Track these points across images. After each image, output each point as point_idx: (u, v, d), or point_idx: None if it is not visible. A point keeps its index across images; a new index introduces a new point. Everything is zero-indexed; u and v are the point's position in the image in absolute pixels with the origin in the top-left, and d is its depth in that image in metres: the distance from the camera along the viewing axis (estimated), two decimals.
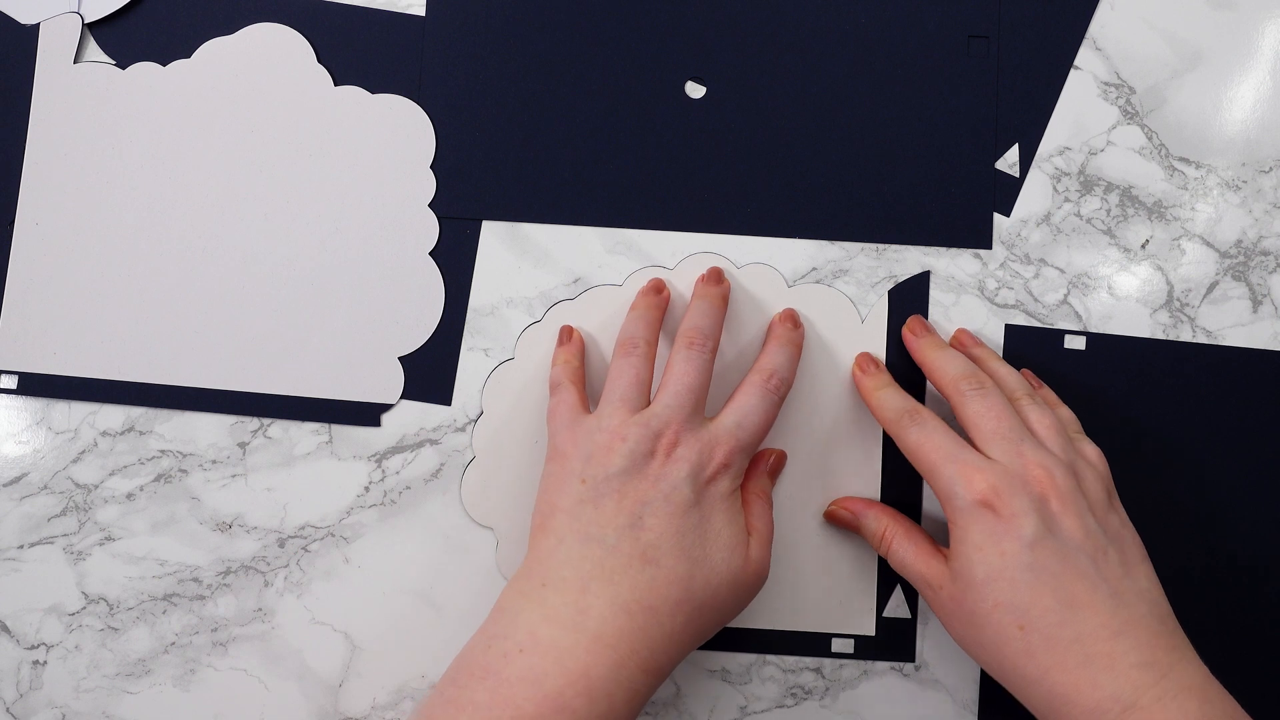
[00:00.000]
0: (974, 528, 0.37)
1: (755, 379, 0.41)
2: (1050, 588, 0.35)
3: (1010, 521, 0.36)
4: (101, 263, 0.46)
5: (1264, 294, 0.48)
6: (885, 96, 0.48)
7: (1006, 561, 0.36)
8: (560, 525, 0.38)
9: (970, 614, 0.37)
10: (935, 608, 0.39)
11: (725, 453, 0.39)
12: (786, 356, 0.42)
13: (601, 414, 0.39)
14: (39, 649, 0.45)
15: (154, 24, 0.47)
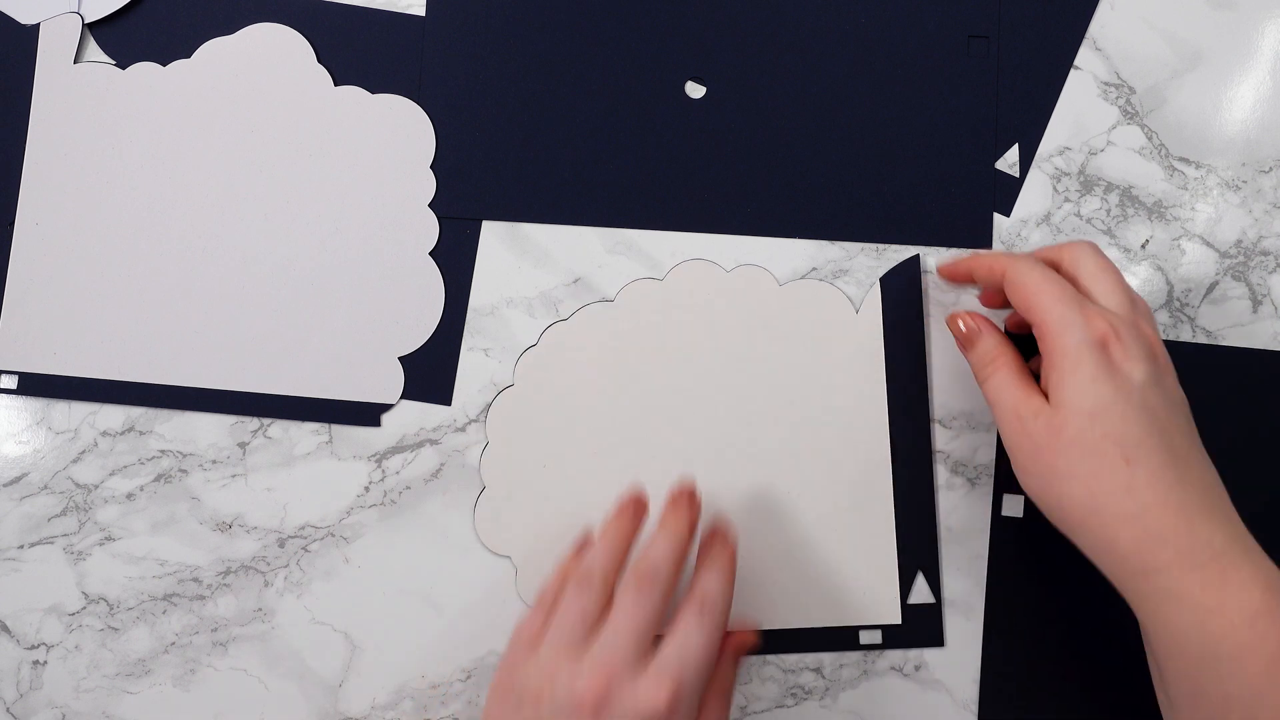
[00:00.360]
0: (1088, 360, 0.36)
1: (691, 606, 0.38)
2: (1158, 431, 0.35)
3: (1126, 363, 0.36)
4: (101, 263, 0.46)
5: (1264, 294, 0.48)
6: (885, 96, 0.48)
7: (1120, 396, 0.36)
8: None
9: (1071, 442, 0.35)
10: (1019, 440, 0.37)
11: (669, 699, 0.35)
12: (717, 577, 0.39)
13: (542, 653, 0.37)
14: (39, 649, 0.45)
15: (154, 24, 0.47)
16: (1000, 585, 0.46)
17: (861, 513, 0.45)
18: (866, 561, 0.45)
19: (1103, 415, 0.35)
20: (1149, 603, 0.35)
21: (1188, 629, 0.34)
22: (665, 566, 0.38)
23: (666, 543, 0.39)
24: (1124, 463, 0.35)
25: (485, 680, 0.45)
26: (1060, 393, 0.36)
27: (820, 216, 0.47)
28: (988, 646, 0.46)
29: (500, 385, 0.46)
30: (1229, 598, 0.34)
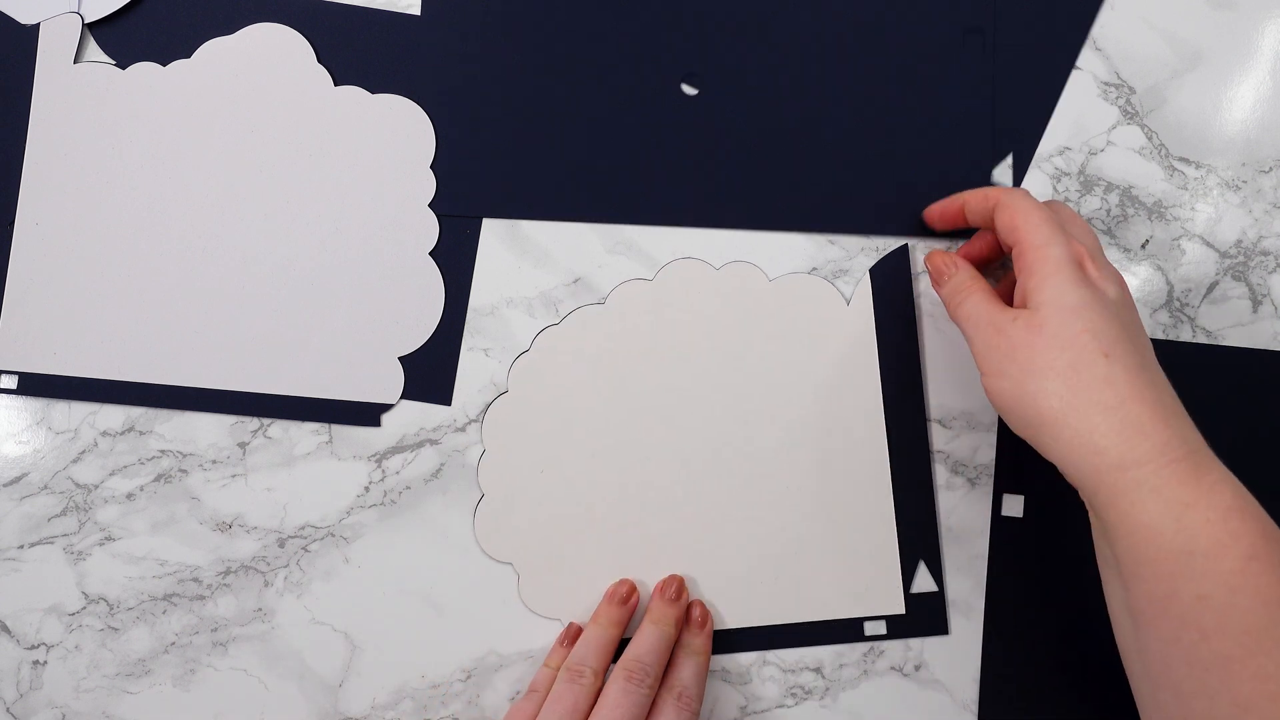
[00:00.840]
0: (1068, 267, 0.37)
1: (668, 699, 0.42)
2: (1130, 335, 0.37)
3: (1101, 281, 0.38)
4: (102, 263, 0.46)
5: (1264, 294, 0.48)
6: (879, 90, 0.48)
7: (1096, 299, 0.37)
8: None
9: (1052, 337, 0.36)
10: (995, 344, 0.38)
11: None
12: (693, 668, 0.43)
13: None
14: (39, 649, 0.45)
15: (154, 24, 0.47)
16: (1000, 585, 0.46)
17: (861, 505, 0.45)
18: (868, 553, 0.45)
19: (1083, 311, 0.36)
20: (1124, 499, 0.34)
21: (1164, 524, 0.34)
22: (653, 661, 0.41)
23: (655, 638, 0.42)
24: (1103, 356, 0.36)
25: (485, 680, 0.45)
26: (1040, 294, 0.37)
27: (816, 210, 0.47)
28: (988, 646, 0.46)
29: (500, 386, 0.46)
30: (1204, 493, 0.34)
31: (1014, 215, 0.39)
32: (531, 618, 0.45)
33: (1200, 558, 0.33)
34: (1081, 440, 0.35)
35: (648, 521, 0.45)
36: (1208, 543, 0.33)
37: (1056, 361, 0.36)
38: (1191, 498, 0.34)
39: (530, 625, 0.46)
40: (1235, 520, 0.33)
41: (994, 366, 0.37)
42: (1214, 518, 0.33)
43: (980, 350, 0.38)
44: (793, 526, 0.45)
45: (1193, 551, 0.33)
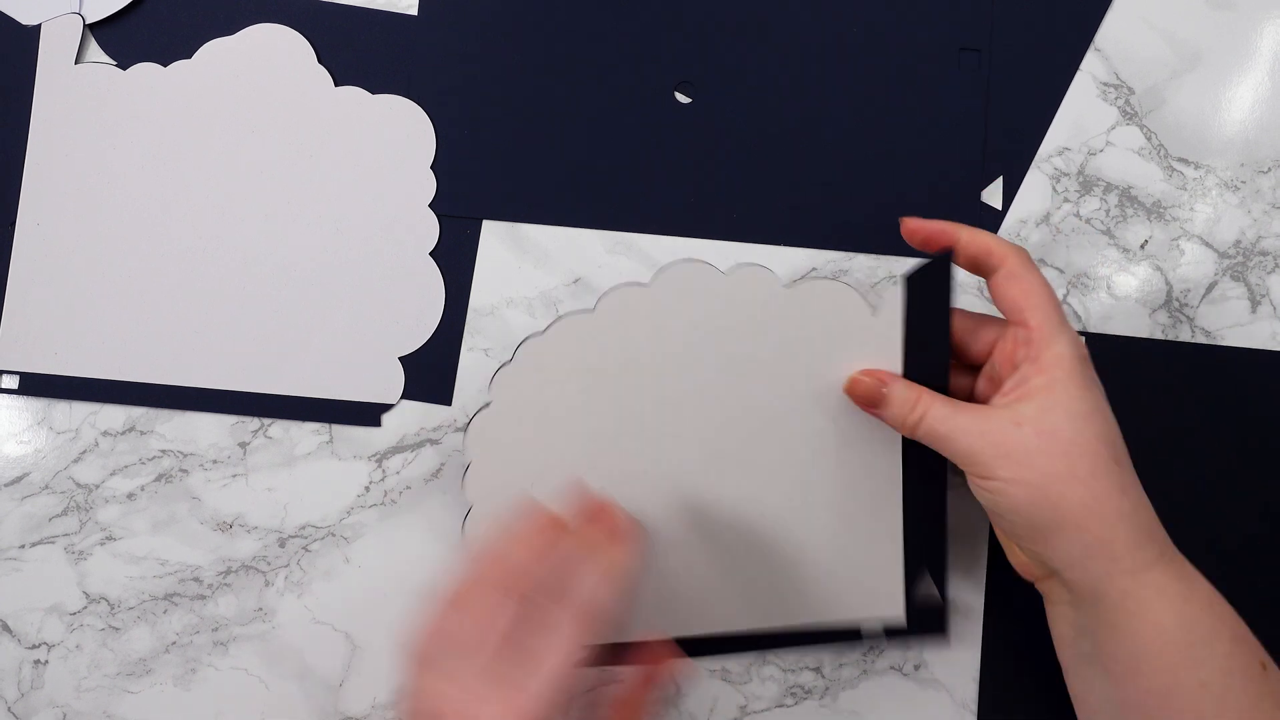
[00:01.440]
0: (1079, 372, 0.36)
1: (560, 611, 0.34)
2: (1122, 439, 0.37)
3: (1096, 380, 0.37)
4: (103, 263, 0.46)
5: (1262, 294, 0.48)
6: (874, 107, 0.48)
7: (1102, 400, 0.37)
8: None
9: (1070, 444, 0.36)
10: (1004, 450, 0.36)
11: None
12: (595, 580, 0.35)
13: (458, 666, 0.34)
14: (40, 648, 0.45)
15: (155, 25, 0.47)
16: (1000, 585, 0.46)
17: (869, 521, 0.43)
18: (872, 567, 0.43)
19: (1094, 418, 0.36)
20: (1133, 599, 0.35)
21: (1169, 619, 0.35)
22: (611, 607, 0.35)
23: (610, 581, 0.35)
24: (1115, 464, 0.36)
25: None
26: (1051, 396, 0.36)
27: (808, 226, 0.47)
28: (987, 646, 0.46)
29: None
30: (1191, 585, 0.36)
31: (1024, 295, 0.37)
32: None
33: (1199, 646, 0.35)
34: (1101, 547, 0.35)
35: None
36: (1204, 631, 0.35)
37: (1078, 469, 0.35)
38: (1187, 591, 0.36)
39: None
40: (1218, 605, 0.36)
41: (1009, 474, 0.36)
42: (1204, 606, 0.36)
43: (983, 460, 0.36)
44: (795, 543, 0.43)
45: (1193, 642, 0.35)
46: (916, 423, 0.38)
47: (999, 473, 0.36)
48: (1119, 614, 0.36)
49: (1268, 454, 0.47)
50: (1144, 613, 0.35)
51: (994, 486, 0.36)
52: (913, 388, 0.38)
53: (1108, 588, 0.36)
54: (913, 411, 0.38)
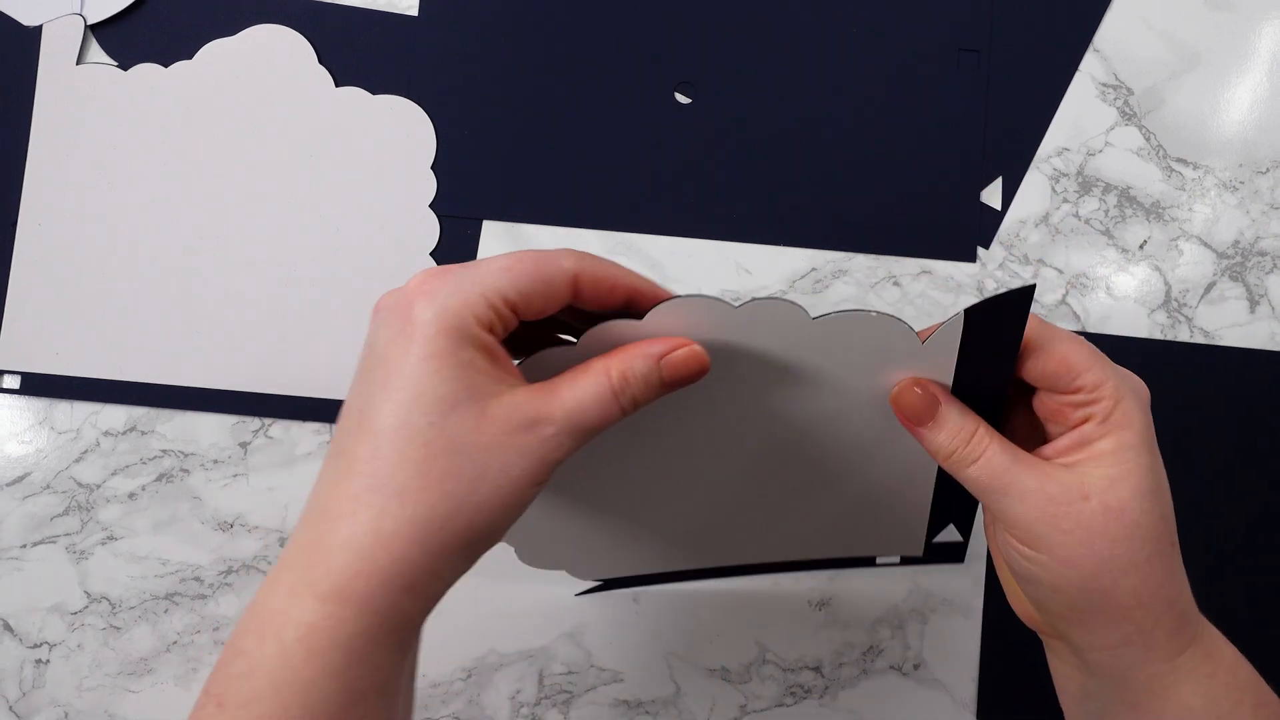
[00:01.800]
0: (1148, 436, 0.32)
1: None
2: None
3: (1156, 444, 0.33)
4: (104, 263, 0.46)
5: (1261, 294, 0.48)
6: (873, 107, 0.48)
7: (1164, 474, 0.33)
8: None
9: (1134, 527, 0.31)
10: (1062, 524, 0.31)
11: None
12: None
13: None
14: (41, 648, 0.45)
15: (156, 25, 0.47)
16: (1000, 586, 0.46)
17: (902, 493, 0.41)
18: (898, 523, 0.42)
19: (1159, 494, 0.32)
20: (1160, 682, 0.33)
21: (1196, 700, 0.33)
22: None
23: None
24: (1171, 546, 0.33)
25: (485, 679, 0.45)
26: (1122, 464, 0.32)
27: (808, 226, 0.47)
28: (987, 646, 0.46)
29: None
30: (1214, 658, 0.34)
31: (1069, 357, 0.32)
32: (532, 617, 0.46)
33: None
34: (1141, 637, 0.32)
35: (681, 516, 0.41)
36: (1228, 705, 0.33)
37: (1139, 556, 0.32)
38: (1211, 669, 0.33)
39: (530, 625, 0.46)
40: (1241, 673, 0.34)
41: (1063, 552, 0.31)
42: (1229, 680, 0.33)
43: (1038, 532, 0.32)
44: (827, 512, 0.42)
45: (1220, 716, 0.33)
46: (969, 460, 0.33)
47: (1054, 550, 0.32)
48: (1144, 695, 0.33)
49: (1267, 454, 0.47)
50: (1170, 694, 0.33)
51: (1041, 562, 0.32)
52: (970, 416, 0.33)
53: (1135, 674, 0.33)
54: (966, 445, 0.33)
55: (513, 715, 0.46)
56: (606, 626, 0.46)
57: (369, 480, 0.28)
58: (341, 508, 0.28)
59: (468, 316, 0.29)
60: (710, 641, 0.46)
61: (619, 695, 0.46)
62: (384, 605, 0.28)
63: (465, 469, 0.28)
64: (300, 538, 0.29)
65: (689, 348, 0.32)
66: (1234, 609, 0.46)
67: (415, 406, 0.28)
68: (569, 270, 0.31)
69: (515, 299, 0.30)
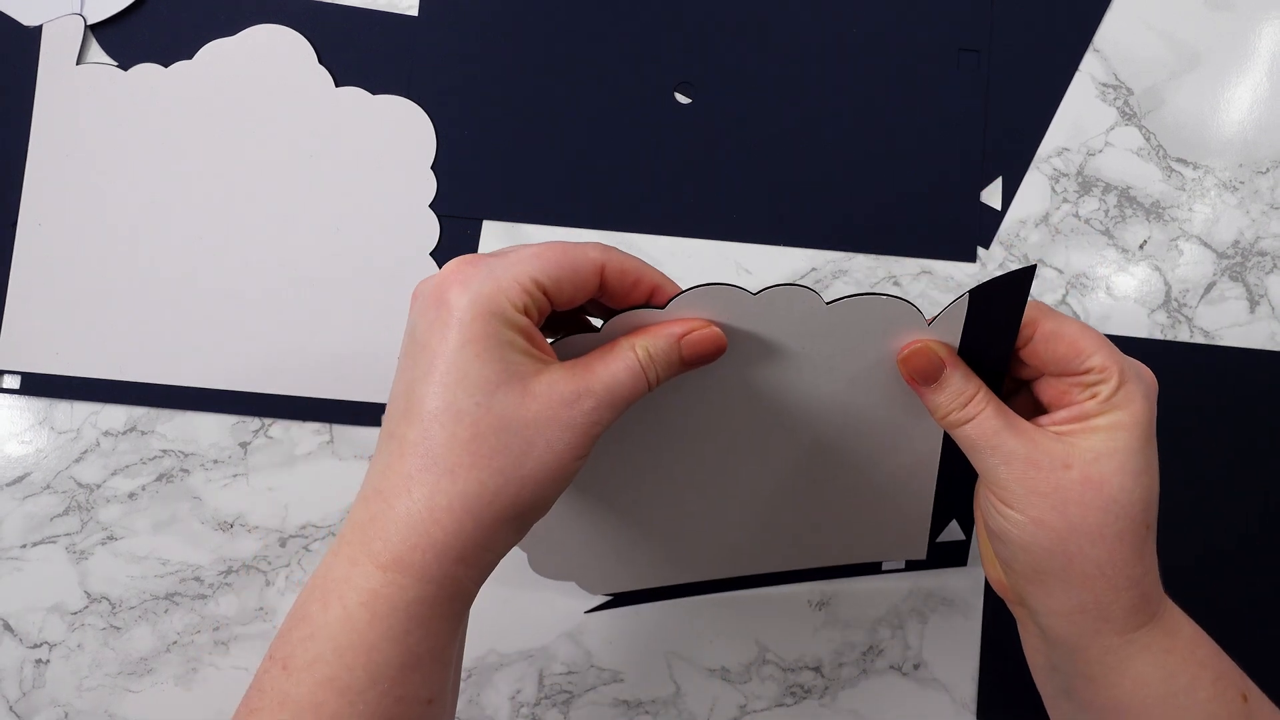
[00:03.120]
0: (1147, 421, 0.33)
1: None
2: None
3: (1154, 433, 0.34)
4: (104, 263, 0.46)
5: (1261, 294, 0.48)
6: (873, 107, 0.48)
7: (1155, 461, 0.34)
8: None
9: (1110, 502, 0.32)
10: (1039, 486, 0.33)
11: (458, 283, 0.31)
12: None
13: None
14: (41, 648, 0.45)
15: (156, 25, 0.47)
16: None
17: (906, 480, 0.42)
18: (901, 523, 0.43)
19: (1142, 478, 0.33)
20: (1114, 656, 0.34)
21: (1151, 674, 0.34)
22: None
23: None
24: (1145, 528, 0.34)
25: (485, 679, 0.45)
26: (1113, 441, 0.33)
27: (808, 226, 0.47)
28: (987, 646, 0.46)
29: None
30: (1174, 634, 0.34)
31: (1074, 343, 0.33)
32: (532, 617, 0.46)
33: (1182, 695, 0.34)
34: (1099, 608, 0.33)
35: (691, 524, 0.42)
36: (1186, 679, 0.34)
37: (1108, 529, 0.33)
38: (1168, 642, 0.34)
39: (530, 625, 0.46)
40: (1200, 649, 0.34)
41: (1035, 513, 0.33)
42: (1186, 655, 0.34)
43: (1015, 491, 0.33)
44: (829, 501, 0.42)
45: (1175, 691, 0.34)
46: (963, 420, 0.34)
47: (1027, 509, 0.33)
48: (1098, 667, 0.34)
49: (1266, 454, 0.47)
50: (1126, 668, 0.34)
51: (1014, 519, 0.33)
52: (972, 380, 0.35)
53: (1090, 643, 0.34)
54: (964, 407, 0.34)
55: (513, 715, 0.46)
56: (606, 626, 0.46)
57: (422, 460, 0.30)
58: (397, 486, 0.30)
59: (502, 300, 0.30)
60: (710, 641, 0.46)
61: (619, 695, 0.46)
62: (440, 574, 0.29)
63: (512, 445, 0.30)
64: (358, 515, 0.30)
65: (708, 328, 0.33)
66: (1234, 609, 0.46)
67: (460, 389, 0.30)
68: (596, 260, 0.32)
69: (547, 283, 0.31)
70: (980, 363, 0.35)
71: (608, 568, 0.44)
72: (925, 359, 0.35)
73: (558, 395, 0.30)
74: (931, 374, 0.35)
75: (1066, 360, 0.34)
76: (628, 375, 0.32)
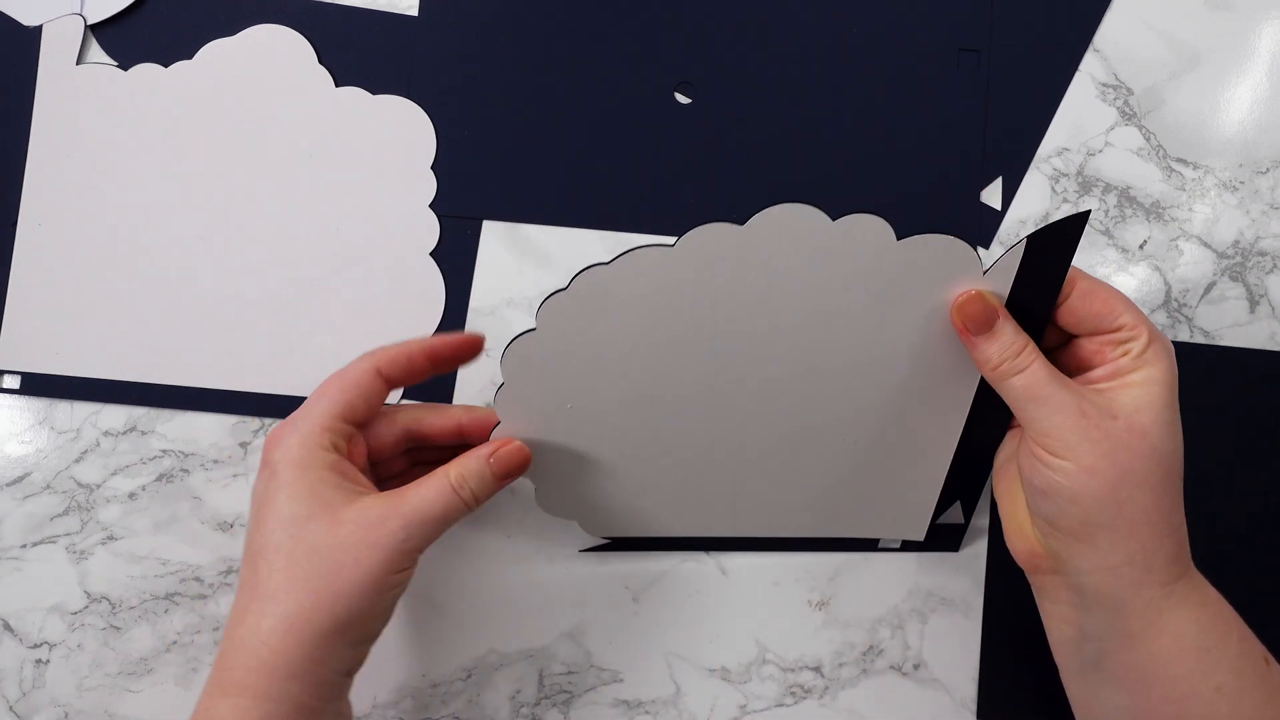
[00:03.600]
0: (1174, 378, 0.36)
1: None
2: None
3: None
4: (104, 263, 0.46)
5: (1261, 294, 0.48)
6: (873, 107, 0.48)
7: (1178, 416, 0.36)
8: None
9: (1152, 450, 0.35)
10: (1090, 434, 0.34)
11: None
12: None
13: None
14: (42, 648, 0.45)
15: (156, 25, 0.47)
16: (1000, 585, 0.46)
17: (920, 460, 0.42)
18: (908, 501, 0.44)
19: (1175, 430, 0.36)
20: (1154, 609, 0.35)
21: (1188, 628, 0.35)
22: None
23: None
24: (1179, 478, 0.36)
25: (485, 679, 0.45)
26: (1149, 394, 0.35)
27: None
28: (987, 645, 0.46)
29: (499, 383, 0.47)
30: (1204, 589, 0.36)
31: (1108, 301, 0.36)
32: (532, 617, 0.46)
33: (1214, 650, 0.35)
34: (1144, 557, 0.35)
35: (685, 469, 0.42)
36: (1216, 635, 0.35)
37: (1153, 476, 0.35)
38: (1201, 597, 0.36)
39: (530, 625, 0.46)
40: (1224, 607, 0.36)
41: (1087, 460, 0.34)
42: (1215, 610, 0.36)
43: (1067, 440, 0.34)
44: (839, 469, 0.43)
45: (1208, 646, 0.35)
46: (1014, 372, 0.35)
47: (1080, 457, 0.34)
48: (1138, 622, 0.35)
49: (1267, 454, 0.47)
50: (1164, 622, 0.35)
51: (1065, 469, 0.34)
52: (1021, 333, 0.36)
53: (1133, 597, 0.35)
54: (1015, 358, 0.36)
55: (513, 715, 0.46)
56: (606, 626, 0.46)
57: (250, 591, 0.35)
58: (235, 618, 0.35)
59: (309, 445, 0.36)
60: (710, 641, 0.46)
61: (619, 695, 0.46)
62: (277, 692, 0.34)
63: (323, 566, 0.34)
64: (220, 646, 0.36)
65: (511, 445, 0.39)
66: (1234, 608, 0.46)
67: (277, 526, 0.35)
68: (367, 367, 0.38)
69: (341, 411, 0.37)
70: (1029, 309, 0.37)
71: (613, 511, 0.44)
72: (981, 305, 0.36)
73: (365, 519, 0.35)
74: (986, 322, 0.36)
75: (1100, 317, 0.36)
76: (438, 495, 0.36)
